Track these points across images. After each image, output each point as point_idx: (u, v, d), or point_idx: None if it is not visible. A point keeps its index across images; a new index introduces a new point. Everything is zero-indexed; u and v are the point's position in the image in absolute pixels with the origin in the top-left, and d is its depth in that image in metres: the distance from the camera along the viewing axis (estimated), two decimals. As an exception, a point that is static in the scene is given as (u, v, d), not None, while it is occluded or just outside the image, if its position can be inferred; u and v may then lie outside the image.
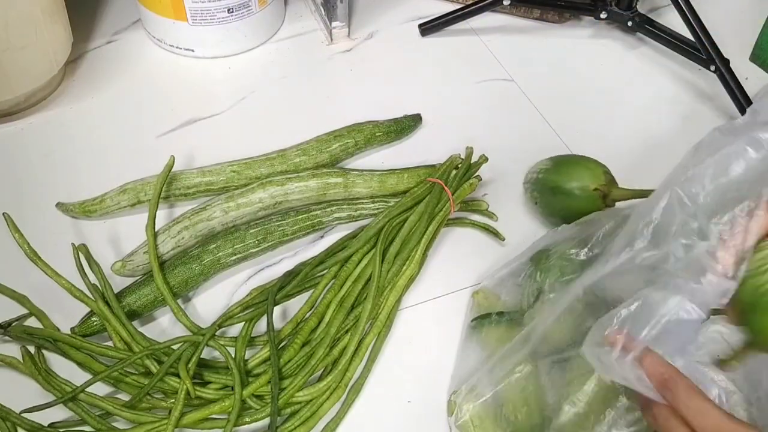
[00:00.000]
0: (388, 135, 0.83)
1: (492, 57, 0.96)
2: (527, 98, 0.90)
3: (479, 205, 0.77)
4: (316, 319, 0.65)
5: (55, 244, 0.72)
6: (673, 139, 0.83)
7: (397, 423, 0.63)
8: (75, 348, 0.63)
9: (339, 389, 0.62)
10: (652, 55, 0.96)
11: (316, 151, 0.79)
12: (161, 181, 0.70)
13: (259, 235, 0.71)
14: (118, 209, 0.75)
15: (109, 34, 0.97)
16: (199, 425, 0.60)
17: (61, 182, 0.79)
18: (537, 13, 1.00)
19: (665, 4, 1.00)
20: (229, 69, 0.93)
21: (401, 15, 1.01)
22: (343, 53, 0.96)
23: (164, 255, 0.70)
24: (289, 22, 1.00)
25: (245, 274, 0.72)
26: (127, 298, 0.67)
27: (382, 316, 0.66)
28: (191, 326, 0.65)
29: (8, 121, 0.85)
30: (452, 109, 0.88)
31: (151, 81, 0.91)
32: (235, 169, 0.76)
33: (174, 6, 0.87)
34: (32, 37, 0.80)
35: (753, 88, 0.90)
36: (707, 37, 0.86)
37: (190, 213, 0.72)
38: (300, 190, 0.74)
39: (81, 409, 0.60)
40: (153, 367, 0.61)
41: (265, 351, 0.63)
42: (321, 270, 0.69)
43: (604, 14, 0.95)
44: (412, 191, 0.73)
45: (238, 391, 0.59)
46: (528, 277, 0.64)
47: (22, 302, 0.67)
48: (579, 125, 0.83)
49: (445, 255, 0.74)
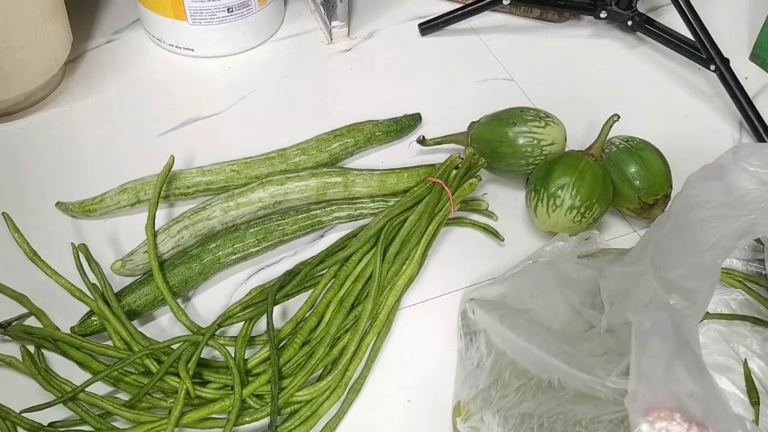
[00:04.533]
0: (387, 134, 0.83)
1: (492, 56, 0.95)
2: (527, 97, 0.90)
3: (479, 204, 0.77)
4: (316, 318, 0.65)
5: (54, 243, 0.72)
6: (673, 139, 0.83)
7: (397, 422, 0.63)
8: (75, 347, 0.63)
9: (339, 389, 0.62)
10: (651, 55, 0.96)
11: (316, 151, 0.79)
12: (161, 180, 0.70)
13: (259, 234, 0.71)
14: (118, 209, 0.75)
15: (109, 34, 0.97)
16: (199, 425, 0.60)
17: (61, 182, 0.79)
18: (537, 13, 1.00)
19: (665, 4, 1.00)
20: (228, 68, 0.93)
21: (401, 14, 1.01)
22: (342, 53, 0.96)
23: (164, 254, 0.70)
24: (289, 22, 1.00)
25: (245, 273, 0.72)
26: (127, 298, 0.67)
27: (382, 316, 0.66)
28: (191, 326, 0.65)
29: (8, 121, 0.85)
30: (452, 109, 0.88)
31: (150, 80, 0.91)
32: (234, 169, 0.76)
33: (174, 5, 0.87)
34: (32, 37, 0.80)
35: (753, 88, 0.90)
36: (707, 36, 0.86)
37: (189, 212, 0.72)
38: (300, 190, 0.74)
39: (81, 408, 0.60)
40: (153, 366, 0.61)
41: (265, 350, 0.63)
42: (321, 269, 0.69)
43: (604, 14, 0.95)
44: (412, 191, 0.73)
45: (238, 390, 0.59)
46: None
47: (21, 302, 0.67)
48: (579, 125, 0.83)
49: (444, 255, 0.74)
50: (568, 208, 0.70)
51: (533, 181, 0.73)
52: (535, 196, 0.72)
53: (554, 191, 0.70)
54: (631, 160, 0.73)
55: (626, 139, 0.75)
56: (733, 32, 0.98)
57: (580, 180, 0.70)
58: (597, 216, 0.71)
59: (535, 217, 0.73)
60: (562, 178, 0.70)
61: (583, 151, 0.74)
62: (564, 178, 0.70)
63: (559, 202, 0.70)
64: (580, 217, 0.70)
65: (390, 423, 0.63)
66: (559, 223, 0.71)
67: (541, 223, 0.72)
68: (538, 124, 0.75)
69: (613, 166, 0.74)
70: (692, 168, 0.83)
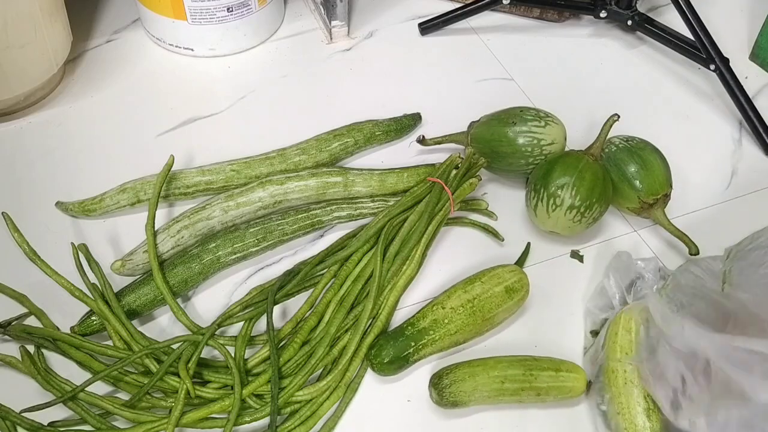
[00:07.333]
0: (387, 134, 0.83)
1: (491, 56, 0.95)
2: (527, 97, 0.90)
3: (479, 204, 0.77)
4: (316, 318, 0.65)
5: (54, 243, 0.72)
6: (673, 139, 0.83)
7: (397, 422, 0.63)
8: (74, 347, 0.63)
9: (339, 389, 0.62)
10: (651, 54, 0.96)
11: (316, 150, 0.79)
12: (161, 180, 0.70)
13: (259, 234, 0.71)
14: (118, 208, 0.75)
15: (109, 33, 0.97)
16: (199, 424, 0.60)
17: (61, 181, 0.79)
18: (537, 12, 1.00)
19: (665, 3, 1.00)
20: (228, 68, 0.93)
21: (401, 14, 1.01)
22: (342, 52, 0.96)
23: (164, 254, 0.70)
24: (289, 21, 1.00)
25: (245, 273, 0.72)
26: (127, 298, 0.67)
27: (383, 316, 0.66)
28: (191, 325, 0.65)
29: (8, 120, 0.85)
30: (452, 108, 0.88)
31: (150, 80, 0.91)
32: (234, 168, 0.76)
33: (173, 5, 0.87)
34: (32, 36, 0.80)
35: (753, 88, 0.90)
36: (707, 36, 0.86)
37: (189, 212, 0.72)
38: (300, 189, 0.74)
39: (81, 408, 0.60)
40: (153, 366, 0.61)
41: (265, 350, 0.63)
42: (321, 269, 0.69)
43: (604, 13, 0.95)
44: (412, 190, 0.73)
45: (238, 390, 0.59)
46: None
47: (21, 301, 0.67)
48: (579, 124, 0.83)
49: (444, 255, 0.74)
50: (567, 207, 0.70)
51: (533, 181, 0.73)
52: (534, 195, 0.72)
53: (554, 191, 0.70)
54: (631, 160, 0.73)
55: (626, 139, 0.75)
56: (733, 32, 0.98)
57: (579, 180, 0.70)
58: (597, 216, 0.71)
59: (534, 217, 0.73)
60: (562, 177, 0.70)
61: (583, 151, 0.74)
62: (564, 177, 0.70)
63: (559, 202, 0.70)
64: (579, 217, 0.70)
65: (390, 423, 0.63)
66: (559, 222, 0.71)
67: (541, 222, 0.72)
68: (538, 123, 0.75)
69: (613, 166, 0.74)
70: (692, 168, 0.83)
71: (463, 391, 0.61)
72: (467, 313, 0.65)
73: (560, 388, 0.62)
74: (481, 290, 0.66)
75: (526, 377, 0.62)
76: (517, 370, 0.62)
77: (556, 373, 0.62)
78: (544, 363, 0.63)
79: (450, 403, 0.61)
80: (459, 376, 0.61)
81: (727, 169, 0.83)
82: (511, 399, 0.62)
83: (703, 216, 0.78)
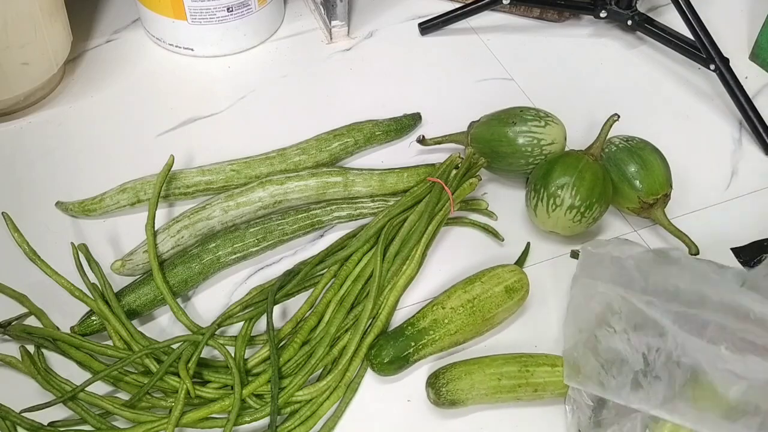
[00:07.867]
0: (387, 134, 0.83)
1: (491, 56, 0.95)
2: (527, 97, 0.90)
3: (479, 204, 0.77)
4: (316, 318, 0.65)
5: (54, 243, 0.72)
6: (673, 139, 0.83)
7: (397, 422, 0.63)
8: (74, 347, 0.63)
9: (339, 389, 0.62)
10: (651, 54, 0.96)
11: (316, 150, 0.79)
12: (161, 180, 0.70)
13: (259, 234, 0.71)
14: (118, 208, 0.75)
15: (109, 33, 0.97)
16: (199, 424, 0.60)
17: (61, 181, 0.79)
18: (537, 12, 1.00)
19: (665, 3, 1.00)
20: (228, 68, 0.93)
21: (401, 14, 1.01)
22: (342, 52, 0.96)
23: (164, 254, 0.70)
24: (289, 21, 1.00)
25: (245, 273, 0.72)
26: (127, 298, 0.67)
27: (383, 316, 0.66)
28: (191, 325, 0.65)
29: (8, 120, 0.85)
30: (452, 108, 0.88)
31: (150, 80, 0.91)
32: (234, 168, 0.76)
33: (173, 5, 0.87)
34: (32, 36, 0.80)
35: (753, 88, 0.90)
36: (707, 36, 0.86)
37: (189, 212, 0.72)
38: (300, 189, 0.74)
39: (81, 408, 0.60)
40: (153, 366, 0.61)
41: (265, 350, 0.63)
42: (321, 269, 0.69)
43: (604, 13, 0.95)
44: (412, 190, 0.73)
45: (238, 390, 0.59)
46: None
47: (21, 301, 0.67)
48: (579, 124, 0.83)
49: (444, 254, 0.74)
50: (567, 207, 0.70)
51: (533, 181, 0.73)
52: (534, 195, 0.72)
53: (554, 191, 0.70)
54: (631, 160, 0.73)
55: (626, 139, 0.75)
56: (733, 32, 0.98)
57: (579, 180, 0.70)
58: (597, 216, 0.71)
59: (534, 217, 0.73)
60: (562, 177, 0.70)
61: (583, 151, 0.74)
62: (564, 177, 0.70)
63: (559, 202, 0.70)
64: (579, 217, 0.70)
65: (390, 422, 0.63)
66: (559, 222, 0.71)
67: (541, 222, 0.72)
68: (538, 123, 0.75)
69: (613, 166, 0.74)
70: (692, 168, 0.83)
71: (460, 389, 0.61)
72: (467, 313, 0.65)
73: (557, 383, 0.62)
74: (481, 290, 0.66)
75: (522, 373, 0.62)
76: (513, 367, 0.62)
77: (552, 368, 0.62)
78: (541, 359, 0.63)
79: (447, 402, 0.61)
80: (455, 374, 0.61)
81: (727, 169, 0.83)
82: (509, 396, 0.62)
83: (703, 216, 0.78)
